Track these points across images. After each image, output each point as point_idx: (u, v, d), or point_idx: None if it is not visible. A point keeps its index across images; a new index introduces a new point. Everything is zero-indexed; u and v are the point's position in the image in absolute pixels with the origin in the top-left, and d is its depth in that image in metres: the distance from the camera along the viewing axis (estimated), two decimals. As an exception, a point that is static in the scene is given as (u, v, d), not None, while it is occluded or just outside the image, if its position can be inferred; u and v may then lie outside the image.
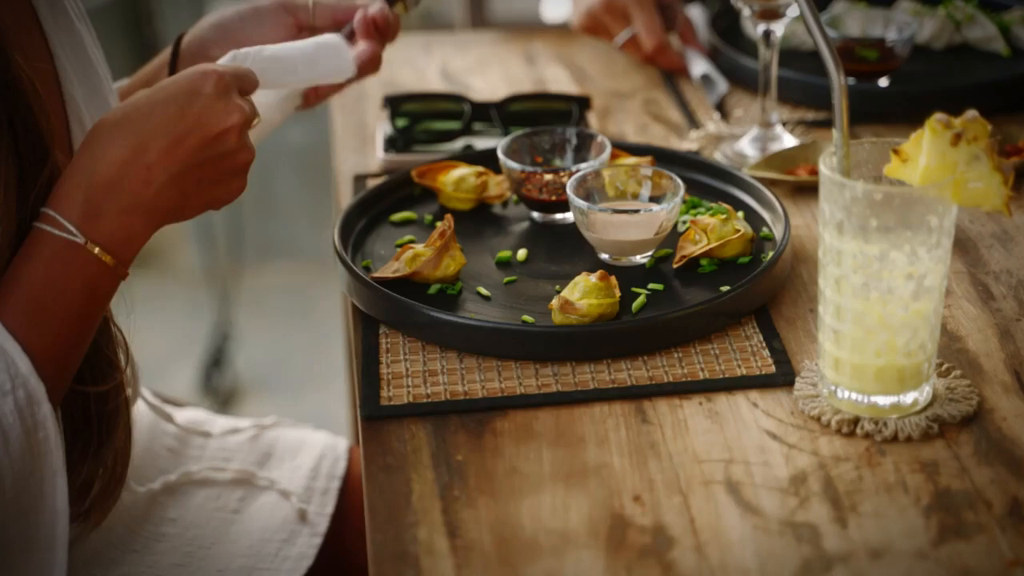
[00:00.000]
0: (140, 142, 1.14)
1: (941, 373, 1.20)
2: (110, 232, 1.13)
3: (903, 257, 1.11)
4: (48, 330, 1.12)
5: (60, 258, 1.13)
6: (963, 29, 1.77)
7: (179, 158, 1.15)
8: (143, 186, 1.14)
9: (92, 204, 1.13)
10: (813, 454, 1.13)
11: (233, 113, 1.16)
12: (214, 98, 1.16)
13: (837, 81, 1.14)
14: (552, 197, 1.42)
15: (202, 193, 1.18)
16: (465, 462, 1.14)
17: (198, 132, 1.15)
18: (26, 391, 1.10)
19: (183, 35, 1.46)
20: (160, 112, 1.15)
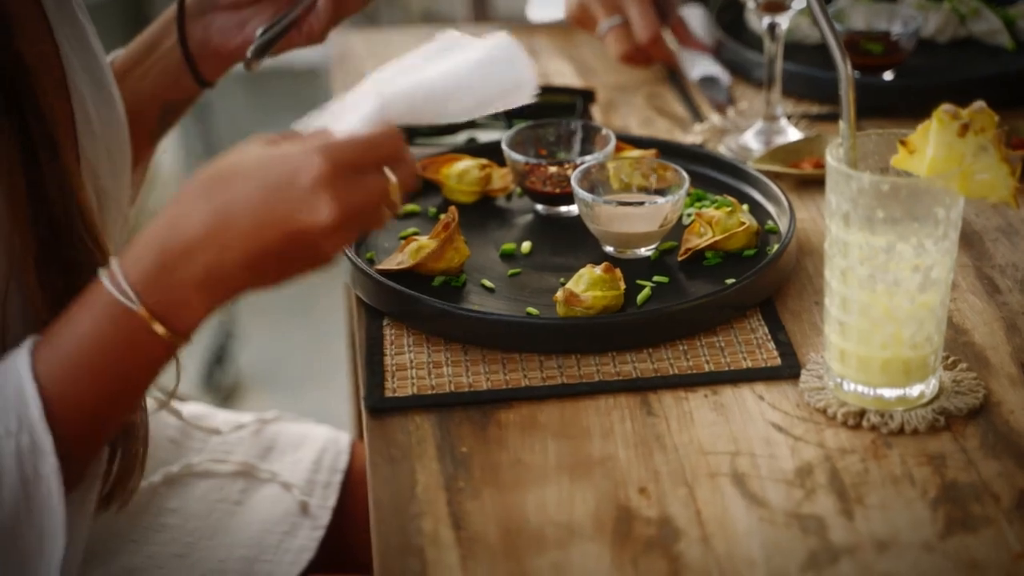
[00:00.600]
0: (223, 218, 1.05)
1: (947, 366, 1.20)
2: (169, 302, 1.05)
3: (909, 249, 1.10)
4: (77, 386, 1.06)
5: (109, 316, 1.06)
6: (968, 23, 1.77)
7: (258, 244, 1.05)
8: (216, 264, 1.05)
9: (158, 270, 1.06)
10: (819, 446, 1.13)
11: (323, 211, 1.04)
12: (308, 192, 1.04)
13: (844, 72, 1.14)
14: (556, 190, 1.41)
15: (276, 277, 1.08)
16: (470, 454, 1.13)
17: (282, 226, 1.05)
18: (32, 438, 1.05)
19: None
20: (250, 191, 1.06)
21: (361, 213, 1.06)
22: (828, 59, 1.67)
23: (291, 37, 1.41)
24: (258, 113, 3.39)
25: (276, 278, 1.08)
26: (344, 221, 1.05)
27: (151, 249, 1.06)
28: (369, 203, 1.07)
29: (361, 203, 1.06)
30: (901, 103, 1.63)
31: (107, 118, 1.27)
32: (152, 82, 1.42)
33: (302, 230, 1.05)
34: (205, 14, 1.41)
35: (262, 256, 1.05)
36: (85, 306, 1.07)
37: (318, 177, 1.04)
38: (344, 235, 1.07)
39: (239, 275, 1.06)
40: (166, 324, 1.06)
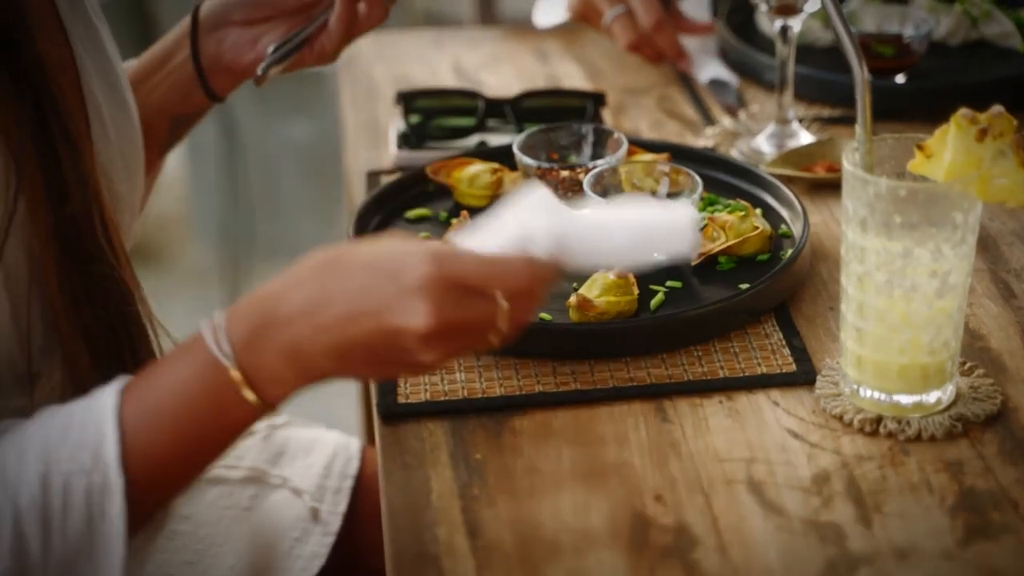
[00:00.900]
0: (322, 298, 1.04)
1: (964, 372, 1.19)
2: (260, 366, 1.04)
3: (927, 254, 1.10)
4: (156, 435, 1.05)
5: (201, 369, 1.05)
6: (980, 25, 1.76)
7: (348, 333, 1.03)
8: (307, 341, 1.04)
9: (257, 332, 1.05)
10: (836, 453, 1.12)
11: (417, 316, 1.01)
12: (407, 293, 1.02)
13: (860, 76, 1.13)
14: (569, 194, 1.41)
15: (366, 370, 1.08)
16: (484, 461, 1.13)
17: (374, 319, 1.03)
18: (104, 479, 1.04)
19: (199, 6, 1.43)
20: (354, 278, 1.04)
21: (460, 332, 1.04)
22: (839, 62, 1.66)
23: (302, 55, 1.41)
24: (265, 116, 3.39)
25: (364, 371, 1.08)
26: (439, 333, 1.02)
27: (253, 311, 1.06)
28: (470, 325, 1.04)
29: (461, 321, 1.03)
30: (913, 106, 1.62)
31: (121, 122, 1.26)
32: (163, 95, 1.42)
33: (393, 330, 1.03)
34: (218, 29, 1.41)
35: (350, 346, 1.04)
36: (181, 355, 1.07)
37: (421, 280, 1.02)
38: (440, 349, 1.04)
39: (326, 359, 1.04)
40: (254, 389, 1.05)
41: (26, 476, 1.03)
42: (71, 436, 1.04)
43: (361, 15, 1.39)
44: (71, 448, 1.04)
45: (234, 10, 1.41)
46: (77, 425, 1.05)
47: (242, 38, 1.41)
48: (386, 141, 1.63)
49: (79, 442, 1.04)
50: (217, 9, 1.41)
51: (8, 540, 1.03)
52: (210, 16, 1.41)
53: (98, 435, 1.04)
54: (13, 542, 1.03)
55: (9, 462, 1.04)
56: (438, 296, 1.02)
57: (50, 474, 1.03)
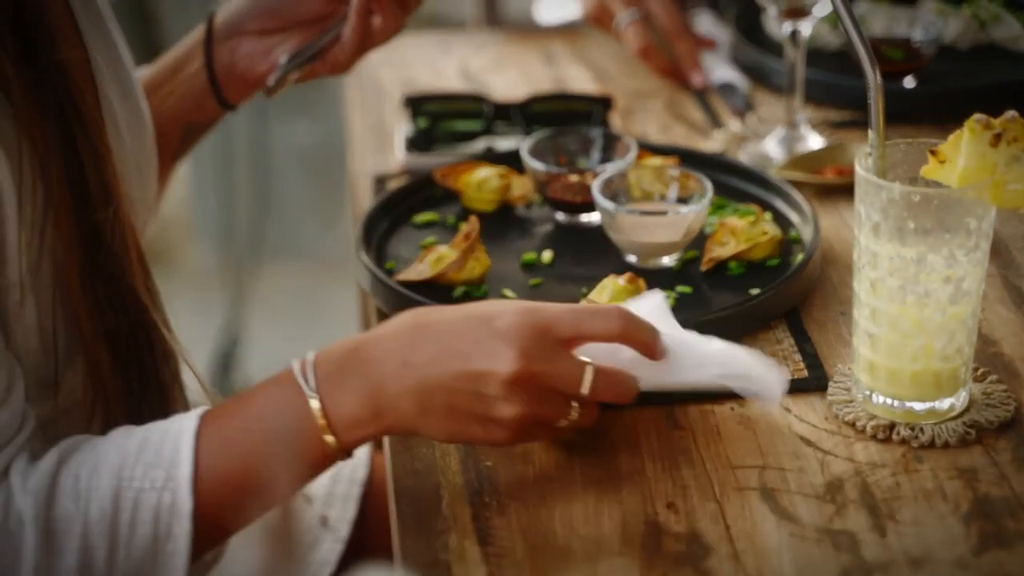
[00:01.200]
0: (412, 339, 1.07)
1: (977, 378, 1.18)
2: (339, 402, 1.06)
3: (941, 260, 1.09)
4: (230, 463, 1.06)
5: (282, 401, 1.07)
6: (988, 28, 1.75)
7: (433, 373, 1.05)
8: (391, 380, 1.06)
9: (342, 367, 1.07)
10: (848, 460, 1.11)
11: (503, 361, 1.04)
12: (496, 336, 1.05)
13: (873, 80, 1.12)
14: (577, 198, 1.40)
15: (445, 420, 1.07)
16: (495, 468, 1.12)
17: (461, 361, 1.05)
18: (174, 499, 1.05)
19: (214, 14, 1.43)
20: (446, 324, 1.07)
21: (543, 384, 1.06)
22: (848, 65, 1.66)
23: (315, 67, 1.40)
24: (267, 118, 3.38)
25: (440, 422, 1.07)
26: (523, 381, 1.05)
27: (344, 348, 1.08)
28: (554, 378, 1.06)
29: (545, 373, 1.06)
30: (922, 110, 1.61)
31: (135, 128, 1.26)
32: (176, 103, 1.41)
33: (477, 373, 1.05)
34: (232, 38, 1.40)
35: (434, 388, 1.05)
36: (266, 386, 1.09)
37: (510, 325, 1.05)
38: (521, 401, 1.05)
39: (407, 401, 1.06)
40: (331, 426, 1.06)
41: (98, 490, 1.05)
42: (146, 454, 1.06)
43: (376, 28, 1.38)
44: (145, 465, 1.05)
45: (248, 20, 1.40)
46: (154, 444, 1.06)
47: (256, 48, 1.40)
48: (392, 145, 1.63)
49: (154, 460, 1.05)
50: (232, 18, 1.41)
51: (75, 552, 1.04)
52: (224, 25, 1.41)
53: (173, 455, 1.05)
54: (80, 554, 1.04)
55: (83, 474, 1.05)
56: (525, 343, 1.05)
57: (122, 489, 1.05)
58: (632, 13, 1.70)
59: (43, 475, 1.06)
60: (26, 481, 1.06)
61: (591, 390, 1.08)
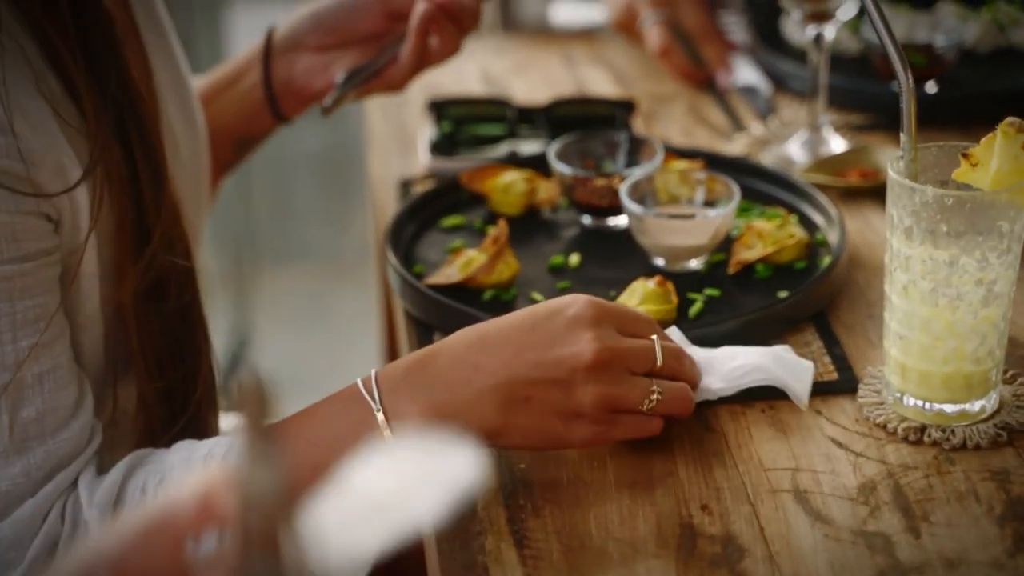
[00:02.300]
0: (481, 341, 1.08)
1: (1006, 380, 1.19)
2: (404, 414, 1.07)
3: (973, 263, 1.09)
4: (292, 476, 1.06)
5: (348, 412, 1.08)
6: (1008, 32, 1.76)
7: (511, 367, 1.06)
8: (463, 384, 1.06)
9: (408, 381, 1.08)
10: (881, 462, 1.12)
11: (583, 345, 1.07)
12: (571, 322, 1.07)
13: (906, 83, 1.12)
14: (604, 202, 1.40)
15: (527, 417, 1.07)
16: (528, 470, 1.12)
17: (540, 351, 1.07)
18: None
19: (273, 29, 1.44)
20: (515, 321, 1.09)
21: (620, 362, 1.08)
22: (867, 70, 1.67)
23: (372, 84, 1.41)
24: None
25: (523, 419, 1.07)
26: (602, 362, 1.07)
27: (407, 363, 1.09)
28: (629, 354, 1.09)
29: (621, 350, 1.08)
30: (945, 115, 1.61)
31: (192, 144, 1.27)
32: (232, 116, 1.42)
33: (557, 358, 1.07)
34: (290, 52, 1.42)
35: (511, 383, 1.07)
36: (329, 401, 1.10)
37: (581, 311, 1.08)
38: (602, 382, 1.07)
39: (485, 402, 1.06)
40: (395, 435, 1.06)
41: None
42: (211, 464, 1.07)
43: (433, 48, 1.39)
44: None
45: (307, 35, 1.41)
46: (219, 455, 1.08)
47: (314, 64, 1.41)
48: (415, 149, 1.63)
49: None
50: (291, 33, 1.42)
51: None
52: (283, 40, 1.42)
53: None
54: None
55: (149, 486, 1.07)
56: (599, 326, 1.08)
57: None
58: (658, 14, 1.71)
59: (110, 487, 1.07)
60: (93, 494, 1.07)
61: (666, 365, 1.11)
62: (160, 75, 1.23)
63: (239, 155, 1.47)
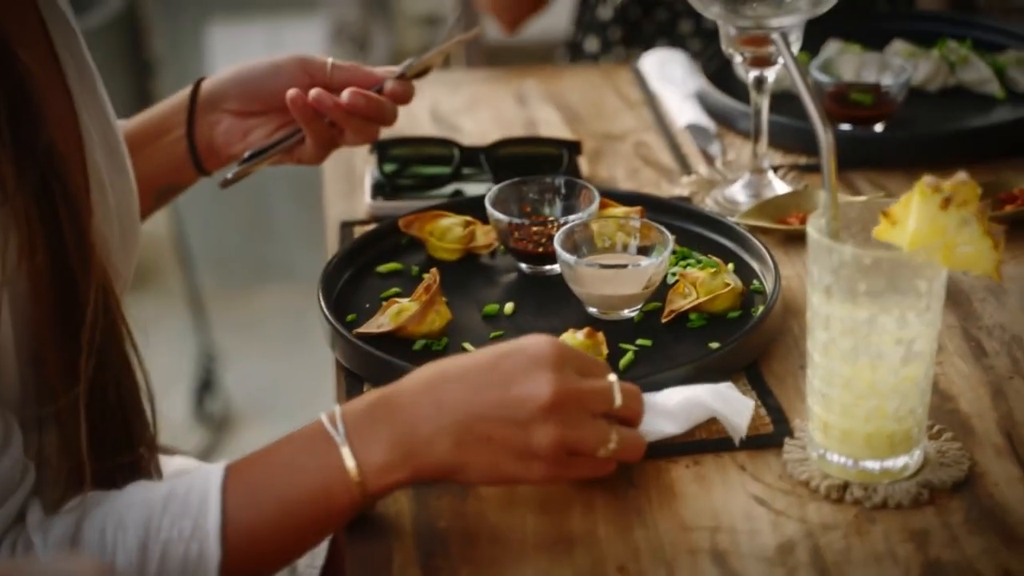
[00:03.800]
0: (443, 378, 1.09)
1: (932, 435, 1.18)
2: (370, 449, 1.07)
3: (892, 321, 1.09)
4: (258, 512, 1.07)
5: (312, 447, 1.08)
6: (957, 71, 1.75)
7: (472, 405, 1.07)
8: (424, 421, 1.07)
9: (371, 417, 1.08)
10: (801, 521, 1.11)
11: (542, 385, 1.07)
12: (532, 362, 1.08)
13: (825, 140, 1.12)
14: (540, 249, 1.40)
15: (483, 455, 1.08)
16: (448, 529, 1.12)
17: (499, 390, 1.08)
18: (202, 549, 1.05)
19: (202, 80, 1.45)
20: (476, 359, 1.10)
21: (579, 404, 1.09)
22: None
23: (282, 158, 1.43)
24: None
25: (479, 458, 1.08)
26: (560, 403, 1.07)
27: (373, 394, 1.10)
28: (588, 397, 1.09)
29: (580, 392, 1.09)
30: (892, 155, 1.61)
31: (120, 188, 1.26)
32: (157, 166, 1.44)
33: (517, 397, 1.07)
34: (213, 113, 1.43)
35: (471, 420, 1.07)
36: (294, 436, 1.10)
37: (542, 352, 1.09)
38: (559, 423, 1.07)
39: (444, 440, 1.07)
40: (362, 474, 1.07)
41: (125, 542, 1.06)
42: (173, 505, 1.07)
43: (346, 138, 1.41)
44: (172, 516, 1.06)
45: (230, 98, 1.43)
46: (180, 495, 1.07)
47: (234, 127, 1.43)
48: (362, 190, 1.62)
49: (181, 512, 1.06)
50: (213, 95, 1.43)
51: None
52: (207, 98, 1.43)
53: (201, 505, 1.06)
54: None
55: (108, 526, 1.06)
56: (559, 366, 1.08)
57: (149, 540, 1.05)
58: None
59: (65, 528, 1.06)
60: (47, 534, 1.06)
61: (624, 406, 1.11)
62: (88, 122, 1.22)
63: (159, 203, 1.48)
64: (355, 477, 1.06)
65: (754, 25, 1.46)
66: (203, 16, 3.50)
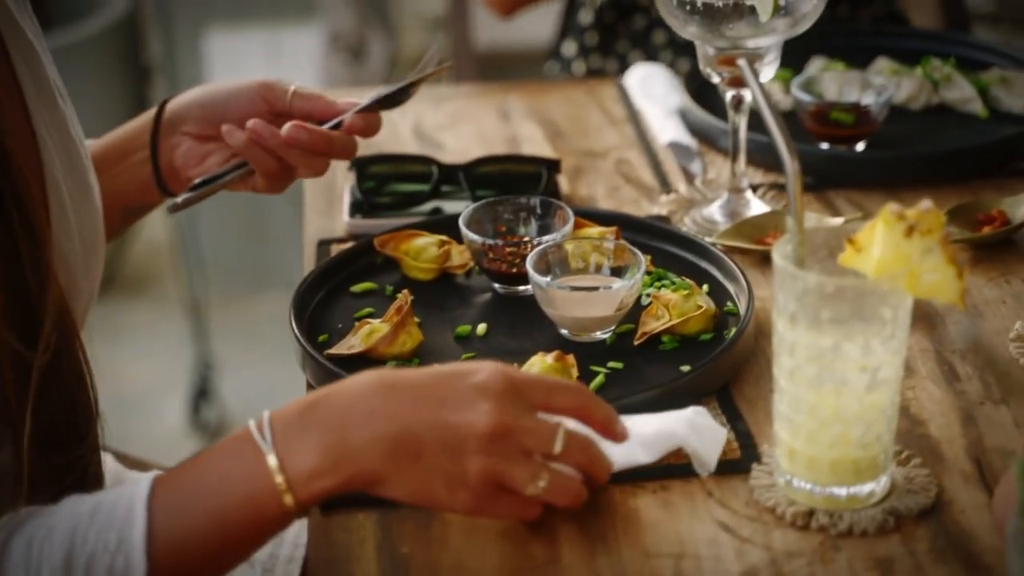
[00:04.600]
0: (381, 386, 1.07)
1: (901, 461, 1.18)
2: (297, 455, 1.05)
3: (856, 349, 1.08)
4: (185, 523, 1.06)
5: (239, 455, 1.06)
6: (940, 90, 1.75)
7: (405, 420, 1.05)
8: (356, 428, 1.05)
9: (301, 422, 1.06)
10: (766, 549, 1.10)
11: (480, 415, 1.06)
12: (476, 389, 1.07)
13: (790, 167, 1.12)
14: (514, 269, 1.40)
15: (412, 472, 1.06)
16: (411, 555, 1.11)
17: (437, 409, 1.06)
18: (127, 561, 1.04)
19: (168, 101, 1.45)
20: (420, 375, 1.08)
21: (516, 440, 1.07)
22: (799, 129, 1.66)
23: (236, 185, 1.43)
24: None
25: (410, 475, 1.06)
26: (497, 435, 1.06)
27: (303, 399, 1.08)
28: (526, 433, 1.07)
29: (519, 427, 1.07)
30: (873, 175, 1.61)
31: (82, 206, 1.26)
32: (121, 186, 1.44)
33: (452, 423, 1.05)
34: (174, 136, 1.43)
35: (402, 436, 1.05)
36: (222, 445, 1.08)
37: (487, 380, 1.07)
38: (493, 455, 1.06)
39: (375, 450, 1.05)
40: (289, 481, 1.05)
41: (50, 554, 1.04)
42: (99, 517, 1.05)
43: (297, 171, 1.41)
44: (98, 528, 1.05)
45: (189, 121, 1.43)
46: (107, 507, 1.06)
47: (192, 150, 1.44)
48: (341, 207, 1.62)
49: (107, 523, 1.05)
50: (176, 115, 1.44)
51: None
52: (170, 120, 1.44)
53: (127, 517, 1.05)
54: None
55: (35, 539, 1.05)
56: (502, 398, 1.06)
57: (74, 552, 1.04)
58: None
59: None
60: None
61: (564, 452, 1.09)
62: (46, 137, 1.22)
63: (126, 222, 1.48)
64: (282, 485, 1.05)
65: (731, 46, 1.45)
66: (202, 22, 3.50)
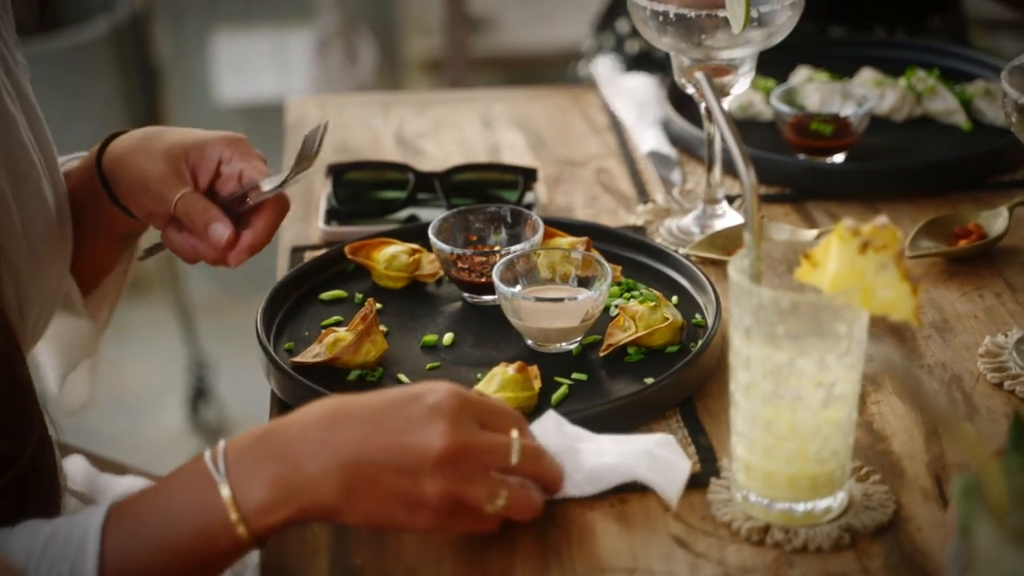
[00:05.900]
0: (334, 416, 1.07)
1: (860, 477, 1.17)
2: (250, 488, 1.04)
3: (811, 364, 1.08)
4: (137, 553, 1.05)
5: (193, 486, 1.06)
6: (924, 101, 1.74)
7: (360, 448, 1.05)
8: (309, 460, 1.04)
9: (253, 453, 1.06)
10: (719, 564, 1.10)
11: (435, 436, 1.05)
12: (429, 410, 1.06)
13: (747, 180, 1.11)
14: (483, 279, 1.39)
15: (368, 500, 1.05)
16: (364, 567, 1.11)
17: (391, 435, 1.05)
18: None
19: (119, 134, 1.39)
20: (372, 400, 1.08)
21: (472, 459, 1.06)
22: (778, 140, 1.66)
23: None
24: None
25: (365, 504, 1.06)
26: (453, 456, 1.05)
27: (255, 435, 1.07)
28: (483, 451, 1.07)
29: (475, 446, 1.07)
30: (852, 187, 1.60)
31: (33, 216, 1.24)
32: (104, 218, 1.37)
33: (407, 446, 1.05)
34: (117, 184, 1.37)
35: (358, 464, 1.05)
36: (175, 475, 1.07)
37: (440, 401, 1.07)
38: (450, 476, 1.05)
39: (329, 482, 1.04)
40: (242, 513, 1.04)
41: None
42: (53, 546, 1.05)
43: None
44: (52, 559, 1.04)
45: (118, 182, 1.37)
46: (61, 536, 1.05)
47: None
48: (317, 214, 1.62)
49: (60, 553, 1.04)
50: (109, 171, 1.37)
51: None
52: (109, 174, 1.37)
53: (80, 547, 1.04)
54: None
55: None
56: (456, 418, 1.06)
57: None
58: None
59: None
60: None
61: (521, 464, 1.09)
62: None
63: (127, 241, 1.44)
64: (234, 517, 1.04)
65: (706, 57, 1.45)
66: (208, 24, 3.51)
